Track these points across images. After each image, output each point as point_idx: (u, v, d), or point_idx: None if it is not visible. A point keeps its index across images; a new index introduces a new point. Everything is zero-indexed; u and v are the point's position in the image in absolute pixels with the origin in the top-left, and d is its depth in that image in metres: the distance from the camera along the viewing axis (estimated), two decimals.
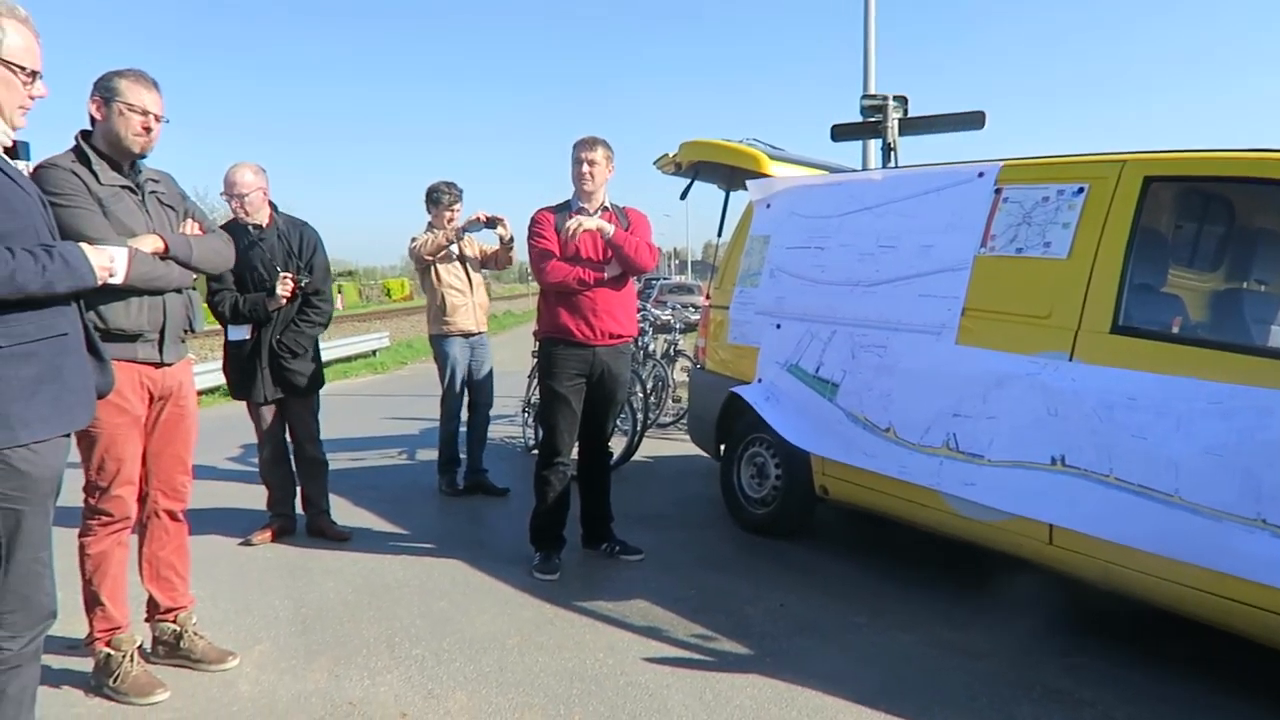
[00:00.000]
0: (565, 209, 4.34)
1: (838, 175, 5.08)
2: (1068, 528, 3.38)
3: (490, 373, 6.08)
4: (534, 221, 4.33)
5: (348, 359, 16.95)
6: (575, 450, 4.52)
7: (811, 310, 4.54)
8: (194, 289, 3.17)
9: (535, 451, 6.93)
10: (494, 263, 5.96)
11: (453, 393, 5.91)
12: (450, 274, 5.78)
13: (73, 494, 2.89)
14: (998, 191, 3.80)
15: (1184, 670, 3.36)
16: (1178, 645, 3.52)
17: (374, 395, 12.38)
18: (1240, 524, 2.85)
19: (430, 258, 5.66)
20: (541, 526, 4.42)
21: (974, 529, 3.81)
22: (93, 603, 3.06)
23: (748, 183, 5.12)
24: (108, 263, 2.37)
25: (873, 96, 6.86)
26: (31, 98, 2.21)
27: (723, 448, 5.42)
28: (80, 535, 3.07)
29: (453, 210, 5.77)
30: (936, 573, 4.40)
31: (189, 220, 3.12)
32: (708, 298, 5.77)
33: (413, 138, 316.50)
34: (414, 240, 5.77)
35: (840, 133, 7.12)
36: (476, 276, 5.95)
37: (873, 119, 6.81)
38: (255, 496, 5.34)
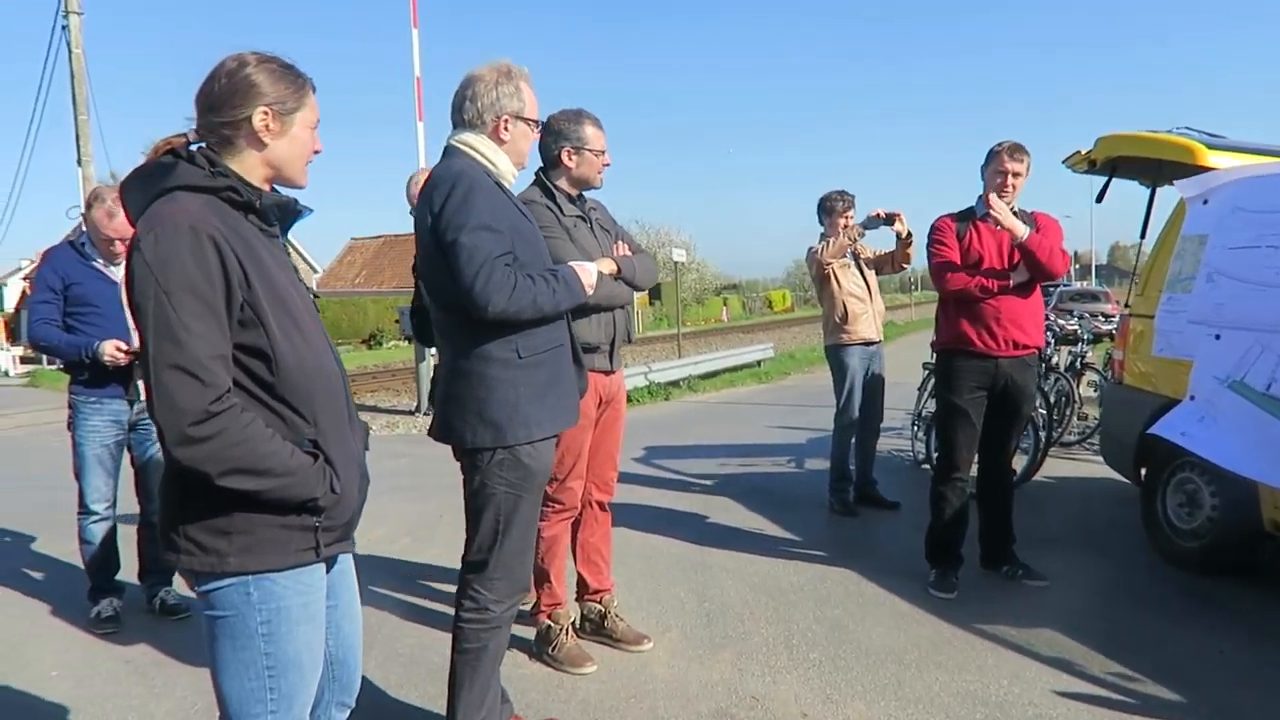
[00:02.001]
0: (968, 216, 4.19)
1: None
2: None
3: (883, 383, 6.01)
4: (934, 229, 4.23)
5: (734, 369, 17.63)
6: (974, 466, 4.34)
7: (1262, 318, 3.95)
8: (631, 304, 3.54)
9: (925, 465, 6.78)
10: (891, 264, 5.81)
11: (851, 405, 5.82)
12: (850, 281, 5.74)
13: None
14: None
15: None
16: None
17: (760, 404, 12.78)
18: None
19: (833, 261, 5.63)
20: (938, 543, 4.30)
21: None
22: (542, 579, 3.51)
23: (1175, 182, 4.58)
24: (591, 281, 2.74)
25: None
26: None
27: (1144, 471, 4.90)
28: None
29: (846, 217, 5.75)
30: None
31: (620, 242, 3.48)
32: (1117, 305, 5.22)
33: (788, 149, 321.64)
34: (812, 249, 5.78)
35: None
36: (874, 283, 5.89)
37: None
38: (651, 495, 5.77)
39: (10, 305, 50.42)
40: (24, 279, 46.43)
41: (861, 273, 5.80)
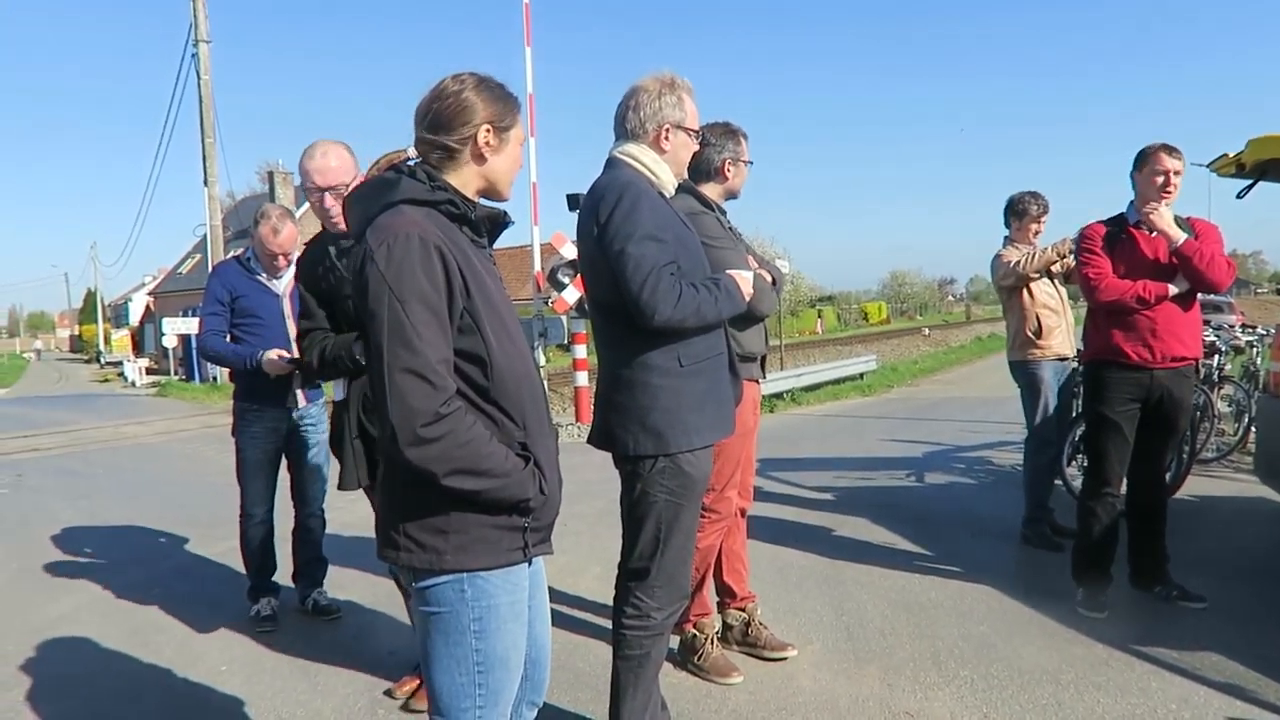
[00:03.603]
0: (1121, 222, 4.06)
1: None
2: None
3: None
4: (1084, 236, 4.11)
5: (837, 381, 17.42)
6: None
7: None
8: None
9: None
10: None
11: (1048, 426, 5.35)
12: (1044, 292, 5.34)
13: None
14: None
15: None
16: None
17: (868, 417, 12.59)
18: None
19: (1037, 275, 5.30)
20: (1087, 560, 4.16)
21: None
22: (695, 588, 3.52)
23: None
24: (749, 290, 2.76)
25: None
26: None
27: None
28: None
29: (1039, 222, 5.43)
30: None
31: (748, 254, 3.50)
32: (1242, 315, 4.97)
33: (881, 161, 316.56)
34: (1005, 258, 5.37)
35: None
36: (1065, 294, 5.51)
37: None
38: (773, 507, 5.72)
39: (135, 319, 53.44)
40: (148, 294, 49.15)
41: (1054, 283, 5.43)
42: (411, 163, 1.86)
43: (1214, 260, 3.82)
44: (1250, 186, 5.31)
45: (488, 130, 1.84)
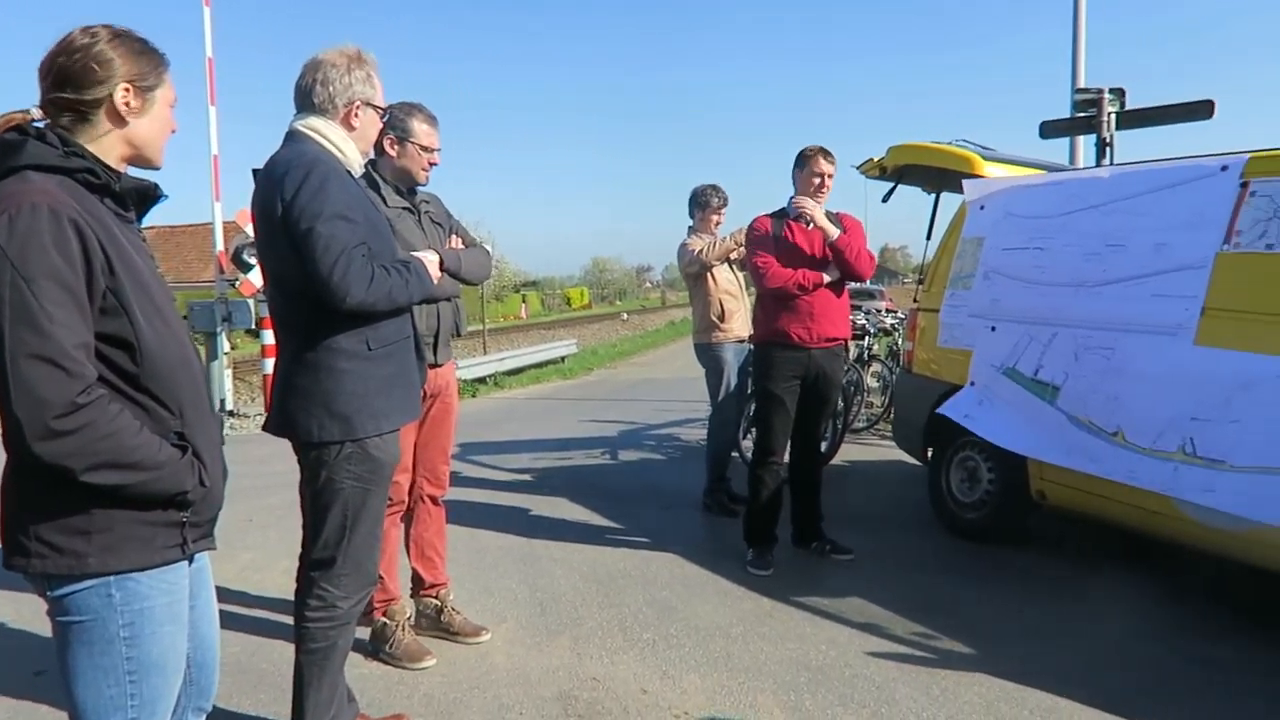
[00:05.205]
0: (781, 215, 4.47)
1: (1058, 174, 4.96)
2: None
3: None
4: (753, 229, 4.49)
5: (539, 365, 17.70)
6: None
7: (1030, 312, 4.47)
8: (460, 297, 3.52)
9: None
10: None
11: (730, 403, 5.74)
12: (725, 279, 5.66)
13: None
14: (1244, 185, 3.64)
15: None
16: None
17: (568, 399, 12.92)
18: None
19: (719, 262, 5.60)
20: (756, 524, 4.56)
21: (1213, 538, 3.67)
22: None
23: (964, 183, 5.07)
24: (437, 273, 2.71)
25: (1085, 90, 6.62)
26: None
27: (930, 452, 5.40)
28: None
29: (720, 214, 5.76)
30: (1167, 581, 4.23)
31: (454, 236, 3.46)
32: (891, 302, 5.72)
33: (582, 146, 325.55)
34: (690, 246, 5.66)
35: (1050, 130, 6.90)
36: (743, 281, 5.86)
37: (1085, 114, 6.57)
38: (472, 491, 5.74)
39: None
40: None
41: (733, 270, 5.76)
42: (39, 124, 1.64)
43: (860, 253, 4.33)
44: (893, 190, 6.05)
45: (126, 90, 1.65)
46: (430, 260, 2.77)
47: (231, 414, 11.09)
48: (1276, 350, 3.39)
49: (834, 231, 4.30)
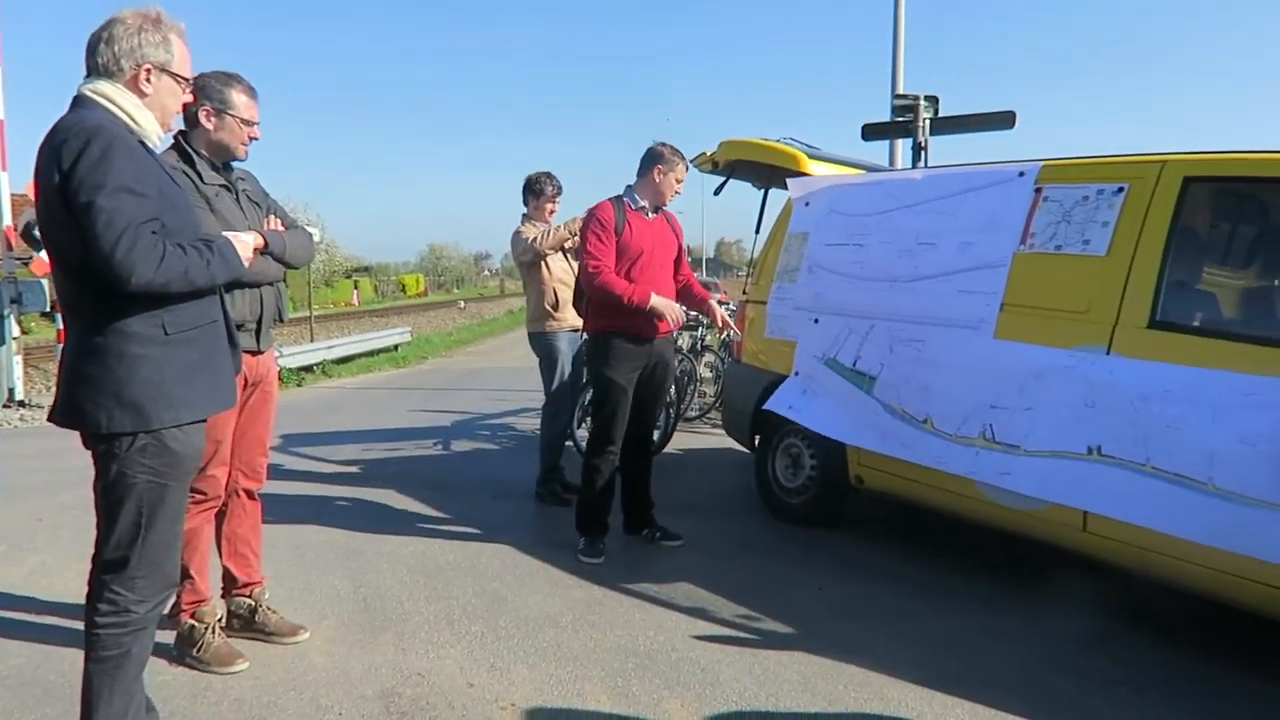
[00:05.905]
0: (621, 203, 4.47)
1: (877, 174, 5.21)
2: (1104, 514, 3.51)
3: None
4: (594, 218, 4.41)
5: (370, 353, 17.16)
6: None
7: (850, 305, 4.67)
8: (285, 281, 3.34)
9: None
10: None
11: (564, 393, 5.76)
12: (559, 268, 5.62)
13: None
14: (1038, 191, 3.93)
15: (1213, 652, 3.50)
16: (1210, 630, 3.66)
17: (400, 389, 12.58)
18: (1273, 510, 2.98)
19: (553, 251, 5.55)
20: (589, 512, 4.56)
21: (1009, 517, 3.95)
22: (182, 575, 3.20)
23: (789, 181, 5.24)
24: (248, 254, 2.55)
25: (904, 96, 6.99)
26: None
27: (757, 439, 5.56)
28: None
29: (554, 202, 5.71)
30: (971, 560, 4.53)
31: (272, 216, 3.28)
32: (726, 294, 5.90)
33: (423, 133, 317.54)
34: (524, 234, 5.60)
35: (871, 132, 7.25)
36: (577, 269, 5.71)
37: (903, 119, 6.93)
38: (295, 485, 5.50)
39: None
40: None
41: (567, 258, 5.70)
42: None
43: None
44: (724, 184, 6.18)
45: None
46: (244, 241, 2.61)
47: (23, 405, 10.16)
48: (1063, 343, 3.68)
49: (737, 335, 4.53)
